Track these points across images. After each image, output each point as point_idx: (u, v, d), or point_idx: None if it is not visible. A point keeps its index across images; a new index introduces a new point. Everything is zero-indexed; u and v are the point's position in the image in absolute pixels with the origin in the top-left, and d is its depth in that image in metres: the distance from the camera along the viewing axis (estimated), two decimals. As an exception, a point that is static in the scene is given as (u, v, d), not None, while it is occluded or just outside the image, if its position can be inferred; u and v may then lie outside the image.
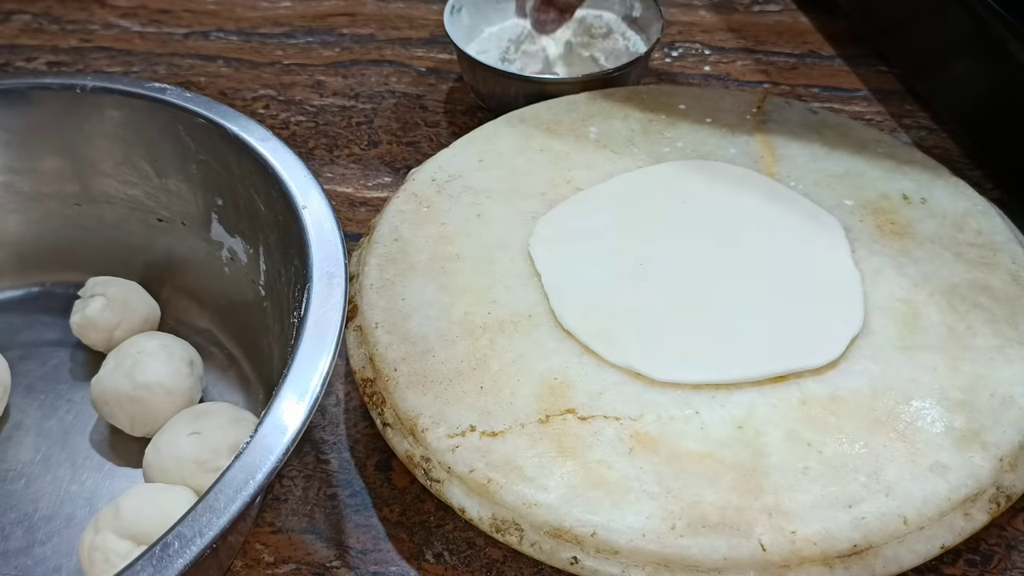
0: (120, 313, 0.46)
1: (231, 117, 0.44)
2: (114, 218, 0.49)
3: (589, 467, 0.37)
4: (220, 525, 0.30)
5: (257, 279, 0.45)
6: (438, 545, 0.40)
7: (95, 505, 0.41)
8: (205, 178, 0.46)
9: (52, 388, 0.46)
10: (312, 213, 0.40)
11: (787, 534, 0.35)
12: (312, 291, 0.37)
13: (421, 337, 0.42)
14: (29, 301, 0.50)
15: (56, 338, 0.48)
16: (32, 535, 0.41)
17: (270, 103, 0.64)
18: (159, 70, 0.67)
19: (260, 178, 0.42)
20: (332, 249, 0.38)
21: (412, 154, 0.59)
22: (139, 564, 0.29)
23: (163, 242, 0.49)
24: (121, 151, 0.47)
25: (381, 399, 0.41)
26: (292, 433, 0.32)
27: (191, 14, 0.72)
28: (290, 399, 0.33)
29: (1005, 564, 0.39)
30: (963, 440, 0.37)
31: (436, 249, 0.46)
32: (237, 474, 0.31)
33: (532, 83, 0.56)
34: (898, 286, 0.43)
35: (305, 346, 0.35)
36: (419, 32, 0.70)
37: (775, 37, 0.68)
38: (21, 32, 0.71)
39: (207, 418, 0.41)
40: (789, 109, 0.53)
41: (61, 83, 0.47)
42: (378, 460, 0.43)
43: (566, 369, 0.41)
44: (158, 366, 0.42)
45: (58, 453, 0.44)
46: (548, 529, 0.36)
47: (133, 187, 0.48)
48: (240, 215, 0.45)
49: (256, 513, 0.41)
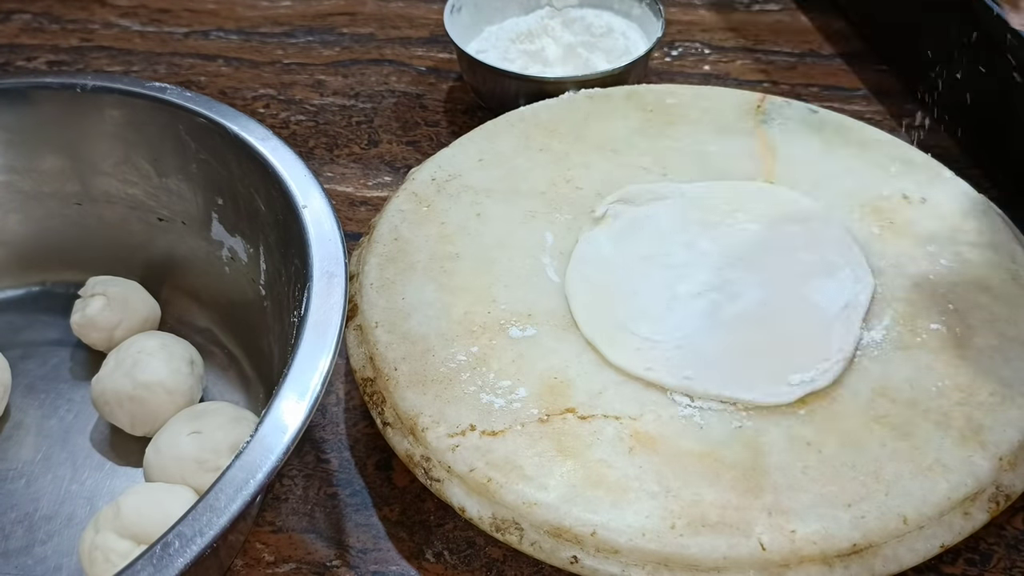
0: (120, 312, 0.46)
1: (231, 116, 0.44)
2: (114, 217, 0.49)
3: (589, 466, 0.37)
4: (220, 524, 0.30)
5: (257, 278, 0.45)
6: (438, 544, 0.40)
7: (95, 504, 0.41)
8: (205, 177, 0.46)
9: (52, 387, 0.46)
10: (312, 212, 0.40)
11: (787, 533, 0.35)
12: (312, 290, 0.37)
13: (421, 336, 0.42)
14: (29, 300, 0.50)
15: (56, 337, 0.48)
16: (32, 534, 0.41)
17: (270, 102, 0.64)
18: (159, 69, 0.67)
19: (260, 177, 0.42)
20: (332, 248, 0.39)
21: (412, 153, 0.59)
22: (139, 563, 0.29)
23: (163, 241, 0.49)
24: (121, 150, 0.47)
25: (381, 398, 0.41)
26: (292, 432, 0.32)
27: (191, 13, 0.72)
28: (290, 398, 0.33)
29: (1004, 563, 0.39)
30: (962, 439, 0.37)
31: (436, 248, 0.46)
32: (237, 473, 0.31)
33: (532, 82, 0.56)
34: (898, 286, 0.43)
35: (305, 345, 0.35)
36: (419, 31, 0.70)
37: (775, 36, 0.68)
38: (21, 31, 0.71)
39: (207, 417, 0.41)
40: (789, 108, 0.53)
41: (61, 83, 0.47)
42: (378, 459, 0.43)
43: (566, 368, 0.41)
44: (158, 365, 0.42)
45: (58, 452, 0.44)
46: (548, 528, 0.36)
47: (133, 186, 0.48)
48: (240, 214, 0.45)
49: (256, 512, 0.41)
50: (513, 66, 0.58)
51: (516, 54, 0.59)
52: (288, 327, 0.39)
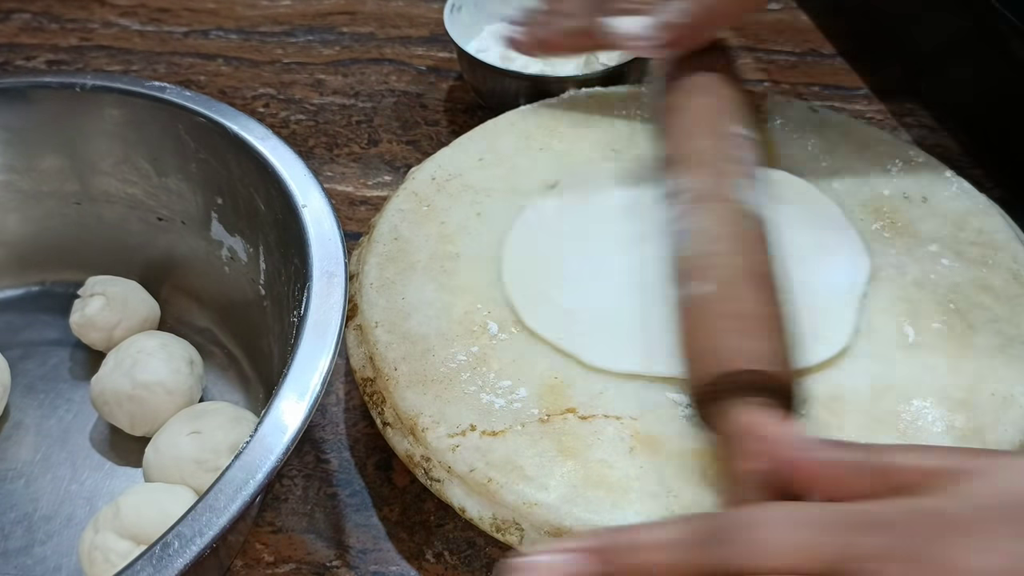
0: (120, 312, 0.46)
1: (231, 116, 0.44)
2: (114, 217, 0.49)
3: (589, 466, 0.37)
4: (220, 525, 0.30)
5: (257, 278, 0.45)
6: (438, 545, 0.40)
7: (95, 505, 0.41)
8: (205, 177, 0.46)
9: (52, 387, 0.46)
10: (312, 212, 0.40)
11: (788, 534, 0.35)
12: (312, 290, 0.37)
13: (421, 336, 0.42)
14: (29, 300, 0.50)
15: (56, 337, 0.48)
16: (32, 535, 0.40)
17: (270, 102, 0.64)
18: (159, 69, 0.67)
19: (260, 177, 0.42)
20: (332, 248, 0.38)
21: (412, 153, 0.59)
22: (139, 563, 0.29)
23: (163, 241, 0.49)
24: (121, 150, 0.47)
25: (381, 398, 0.40)
26: (292, 433, 0.32)
27: (191, 13, 0.72)
28: (290, 398, 0.33)
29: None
30: (964, 439, 0.37)
31: (436, 248, 0.45)
32: (237, 474, 0.31)
33: (532, 81, 0.56)
34: (899, 285, 0.43)
35: (305, 345, 0.35)
36: (419, 31, 0.69)
37: (776, 35, 0.68)
38: (21, 31, 0.70)
39: (207, 417, 0.41)
40: (790, 108, 0.53)
41: (60, 82, 0.46)
42: (378, 459, 0.43)
43: (566, 368, 0.40)
44: (158, 365, 0.42)
45: (58, 452, 0.44)
46: (548, 528, 0.36)
47: (133, 186, 0.48)
48: (240, 214, 0.45)
49: (256, 512, 0.41)
50: (513, 65, 0.58)
51: (516, 53, 0.59)
52: (288, 327, 0.39)
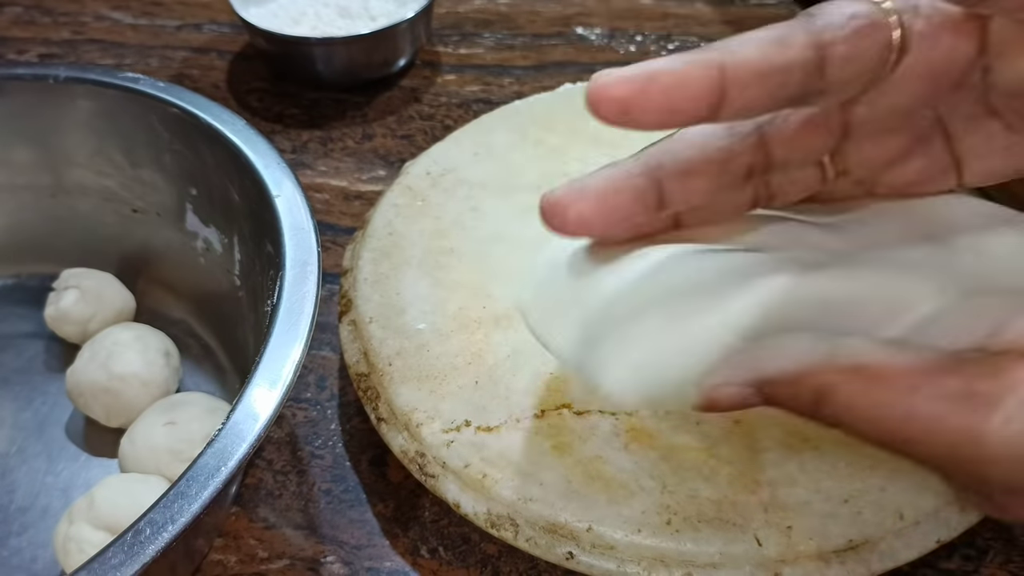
0: (94, 305, 0.45)
1: (204, 106, 0.44)
2: (88, 209, 0.49)
3: (585, 462, 0.37)
4: (192, 512, 0.30)
5: (232, 269, 0.45)
6: (433, 540, 0.40)
7: (71, 496, 0.41)
8: (179, 168, 0.46)
9: (27, 380, 0.46)
10: (285, 201, 0.40)
11: (783, 529, 0.35)
12: (285, 279, 0.37)
13: (416, 331, 0.41)
14: (3, 294, 0.50)
15: (31, 330, 0.48)
16: (7, 526, 0.40)
17: (264, 96, 0.63)
18: (152, 63, 0.66)
19: (233, 167, 0.42)
20: (305, 237, 0.38)
21: (406, 147, 0.59)
22: (111, 551, 0.29)
23: (138, 233, 0.48)
24: (94, 141, 0.47)
25: (375, 394, 0.40)
26: (264, 420, 0.32)
27: (183, 6, 0.72)
28: (262, 386, 0.33)
29: (1000, 558, 0.39)
30: (959, 435, 0.37)
31: (431, 243, 0.45)
32: (209, 461, 0.31)
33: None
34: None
35: (278, 334, 0.35)
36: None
37: (771, 30, 0.68)
38: (12, 24, 0.70)
39: (182, 408, 0.40)
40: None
41: (33, 73, 0.46)
42: (372, 455, 0.43)
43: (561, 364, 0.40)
44: (133, 357, 0.42)
45: (33, 444, 0.43)
46: (543, 524, 0.36)
47: (107, 178, 0.48)
48: (214, 205, 0.45)
49: (232, 500, 0.41)
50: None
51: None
52: (262, 317, 0.39)
